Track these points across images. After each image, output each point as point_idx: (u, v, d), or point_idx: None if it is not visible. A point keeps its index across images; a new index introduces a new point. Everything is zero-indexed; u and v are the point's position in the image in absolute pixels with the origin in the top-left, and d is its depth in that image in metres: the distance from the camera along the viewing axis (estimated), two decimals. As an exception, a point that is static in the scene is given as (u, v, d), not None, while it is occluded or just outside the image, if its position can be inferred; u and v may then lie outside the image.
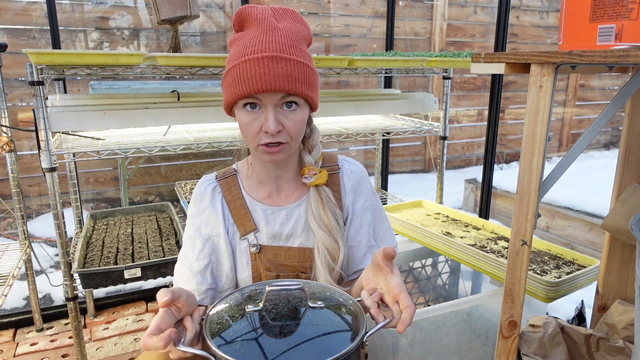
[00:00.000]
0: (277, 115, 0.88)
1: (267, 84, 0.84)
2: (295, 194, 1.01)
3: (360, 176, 1.04)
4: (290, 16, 0.94)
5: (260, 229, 0.99)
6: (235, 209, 1.00)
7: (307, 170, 0.98)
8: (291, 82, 0.85)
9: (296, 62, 0.86)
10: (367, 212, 1.03)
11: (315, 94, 0.92)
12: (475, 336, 1.55)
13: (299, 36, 0.91)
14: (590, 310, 1.44)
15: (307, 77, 0.89)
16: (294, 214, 1.00)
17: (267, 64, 0.84)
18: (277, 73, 0.84)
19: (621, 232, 1.20)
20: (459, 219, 1.95)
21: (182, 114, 1.61)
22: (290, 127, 0.89)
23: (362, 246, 1.02)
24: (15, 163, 1.75)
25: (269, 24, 0.89)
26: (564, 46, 1.04)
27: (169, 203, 2.07)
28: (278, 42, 0.86)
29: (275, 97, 0.86)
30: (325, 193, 0.98)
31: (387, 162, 2.63)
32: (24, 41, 2.90)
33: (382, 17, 3.67)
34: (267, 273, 0.98)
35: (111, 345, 1.90)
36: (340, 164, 1.04)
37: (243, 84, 0.85)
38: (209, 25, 3.34)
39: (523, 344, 1.13)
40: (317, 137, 1.02)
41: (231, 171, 1.05)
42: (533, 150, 0.94)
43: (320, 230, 0.95)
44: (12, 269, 1.60)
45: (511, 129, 4.92)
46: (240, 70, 0.85)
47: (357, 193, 1.03)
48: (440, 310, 1.45)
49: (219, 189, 1.02)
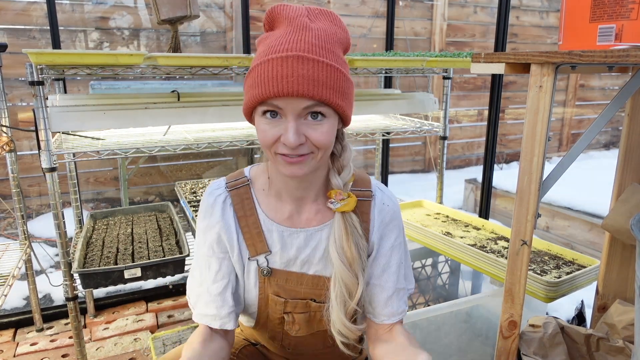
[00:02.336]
0: (299, 126, 0.76)
1: (288, 87, 0.72)
2: (318, 218, 0.90)
3: (393, 211, 0.93)
4: (326, 17, 0.83)
5: (274, 252, 0.90)
6: (246, 226, 0.90)
7: (334, 194, 0.87)
8: (317, 86, 0.73)
9: (326, 66, 0.75)
10: (396, 250, 0.93)
11: (347, 104, 0.81)
12: (475, 336, 1.55)
13: (334, 38, 0.79)
14: (590, 310, 1.44)
15: (339, 83, 0.77)
16: (314, 238, 0.90)
17: (291, 64, 0.72)
18: (301, 75, 0.72)
19: (621, 232, 1.20)
20: (459, 219, 1.95)
21: (182, 114, 1.61)
22: (315, 138, 0.77)
23: (388, 287, 0.91)
24: (15, 163, 1.75)
25: (300, 22, 0.78)
26: (564, 46, 1.04)
27: (169, 203, 2.07)
28: (308, 41, 0.75)
29: (298, 104, 0.74)
30: (352, 221, 0.87)
31: (387, 162, 2.63)
32: (24, 41, 2.90)
33: (382, 17, 3.67)
34: (275, 298, 0.92)
35: (111, 345, 1.90)
36: (373, 191, 0.92)
37: (262, 86, 0.74)
38: (209, 25, 3.34)
39: (523, 344, 1.13)
40: (350, 157, 0.90)
41: (244, 180, 0.93)
42: (533, 150, 0.94)
43: (339, 263, 0.85)
44: (12, 269, 1.60)
45: (511, 129, 4.92)
46: (261, 71, 0.75)
47: (388, 229, 0.92)
48: (440, 310, 1.45)
49: (230, 200, 0.91)
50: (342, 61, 0.80)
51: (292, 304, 0.92)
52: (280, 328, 0.95)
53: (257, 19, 3.44)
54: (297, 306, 0.92)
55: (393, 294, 0.92)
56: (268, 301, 0.93)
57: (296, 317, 0.93)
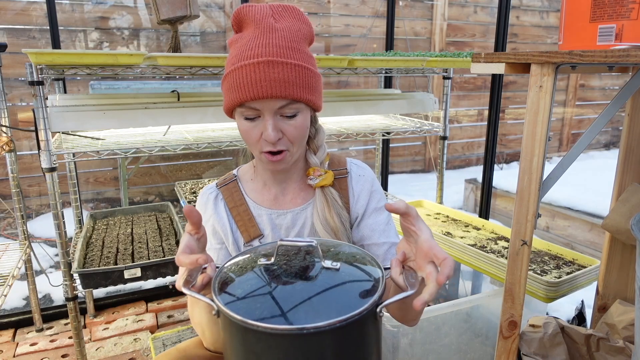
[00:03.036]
0: (276, 122, 0.85)
1: (263, 91, 0.81)
2: (301, 196, 0.98)
3: (369, 179, 1.01)
4: (290, 14, 0.89)
5: (266, 234, 0.97)
6: (238, 214, 0.98)
7: (312, 172, 0.96)
8: (288, 87, 0.82)
9: (293, 66, 0.83)
10: (381, 211, 0.99)
11: (316, 96, 0.89)
12: (475, 336, 1.55)
13: (299, 35, 0.87)
14: (590, 310, 1.44)
15: (307, 80, 0.85)
16: (300, 217, 0.97)
17: (263, 69, 0.81)
18: (273, 79, 0.81)
19: (621, 232, 1.20)
20: (459, 219, 1.95)
21: (182, 114, 1.61)
22: (290, 133, 0.86)
23: (382, 242, 0.97)
24: (15, 163, 1.75)
25: (266, 24, 0.85)
26: (564, 46, 1.04)
27: (169, 203, 2.07)
28: (275, 44, 0.83)
29: (273, 104, 0.83)
30: (331, 194, 0.96)
31: (387, 162, 2.63)
32: (24, 41, 2.90)
33: (382, 17, 3.67)
34: None
35: (111, 345, 1.90)
36: (348, 168, 1.01)
37: (239, 91, 0.82)
38: (209, 25, 3.34)
39: (523, 344, 1.13)
40: (323, 137, 0.99)
41: (231, 177, 1.02)
42: (533, 150, 0.94)
43: (325, 233, 0.93)
44: (12, 269, 1.60)
45: (511, 129, 4.92)
46: (236, 76, 0.83)
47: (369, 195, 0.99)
48: (440, 310, 1.45)
49: (221, 196, 1.00)
50: (308, 56, 0.88)
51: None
52: None
53: (257, 19, 3.44)
54: None
55: (390, 248, 0.97)
56: None
57: None
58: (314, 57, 0.90)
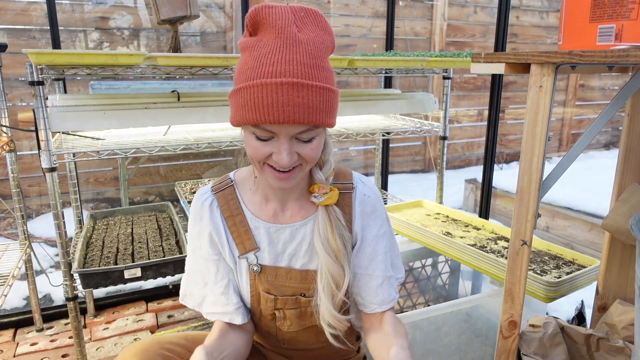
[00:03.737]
0: (292, 146, 0.78)
1: (285, 116, 0.73)
2: (302, 213, 0.93)
3: (374, 201, 0.95)
4: (312, 21, 0.81)
5: (262, 248, 0.93)
6: (234, 225, 0.93)
7: (317, 189, 0.89)
8: (312, 113, 0.75)
9: (318, 90, 0.75)
10: (382, 240, 0.95)
11: (334, 117, 0.82)
12: (475, 336, 1.55)
13: (322, 49, 0.79)
14: (590, 310, 1.44)
15: (330, 103, 0.78)
16: (299, 233, 0.93)
17: (287, 92, 0.73)
18: (296, 103, 0.73)
19: (621, 232, 1.20)
20: (459, 219, 1.95)
21: (182, 114, 1.61)
22: (306, 155, 0.80)
23: (377, 275, 0.94)
24: (15, 163, 1.75)
25: (289, 34, 0.76)
26: (564, 46, 1.04)
27: (169, 203, 2.07)
28: (300, 62, 0.75)
29: (292, 129, 0.76)
30: (335, 214, 0.90)
31: (387, 162, 2.63)
32: (24, 41, 2.90)
33: (382, 17, 3.67)
34: (265, 295, 0.94)
35: (111, 345, 1.90)
36: (354, 184, 0.95)
37: (256, 111, 0.74)
38: (209, 25, 3.34)
39: (523, 344, 1.13)
40: (330, 151, 0.93)
41: (228, 182, 0.96)
42: (533, 150, 0.94)
43: (325, 254, 0.88)
44: (12, 269, 1.60)
45: (511, 129, 4.92)
46: (254, 94, 0.74)
47: (371, 219, 0.94)
48: (440, 310, 1.45)
49: (216, 202, 0.94)
50: (330, 73, 0.81)
51: (282, 300, 0.94)
52: (273, 324, 0.98)
53: (257, 19, 3.44)
54: (288, 302, 0.95)
55: (383, 282, 0.94)
56: (259, 298, 0.95)
57: (287, 313, 0.96)
58: (333, 72, 0.84)
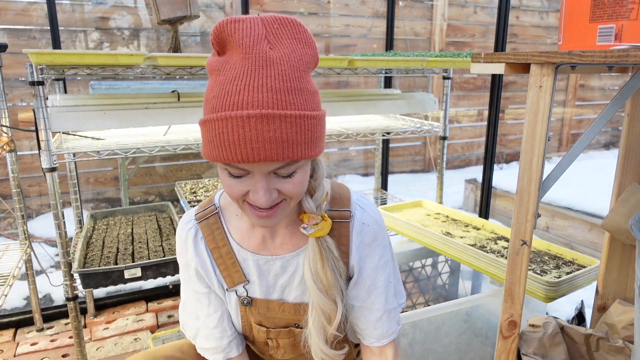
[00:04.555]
0: (269, 183, 0.70)
1: (254, 154, 0.64)
2: (293, 242, 0.86)
3: (374, 230, 0.86)
4: (288, 33, 0.69)
5: (252, 280, 0.87)
6: (220, 257, 0.86)
7: (307, 219, 0.81)
8: (287, 147, 0.65)
9: (294, 119, 0.65)
10: (382, 270, 0.88)
11: (319, 146, 0.71)
12: (475, 336, 1.55)
13: (300, 67, 0.68)
14: (590, 310, 1.44)
15: (309, 133, 0.68)
16: (291, 265, 0.86)
17: (254, 126, 0.63)
18: (268, 139, 0.64)
19: (621, 232, 1.20)
20: (459, 219, 1.96)
21: (182, 114, 1.61)
22: (288, 191, 0.72)
23: (376, 309, 0.88)
24: (16, 163, 1.75)
25: (259, 53, 0.65)
26: (564, 46, 1.04)
27: (169, 203, 2.07)
28: (271, 87, 0.64)
29: (266, 167, 0.68)
30: (327, 245, 0.82)
31: (387, 162, 2.63)
32: (24, 41, 2.90)
33: (382, 17, 3.67)
34: (258, 327, 0.91)
35: (111, 345, 1.90)
36: (352, 212, 0.86)
37: (223, 149, 0.65)
38: (209, 25, 3.34)
39: (523, 343, 1.13)
40: (322, 174, 0.83)
41: (212, 209, 0.88)
42: (533, 150, 0.94)
43: (315, 290, 0.81)
44: (12, 269, 1.60)
45: (511, 129, 4.93)
46: (220, 128, 0.65)
47: (370, 249, 0.86)
48: (440, 310, 1.45)
49: (200, 233, 0.87)
50: (311, 93, 0.69)
51: (275, 332, 0.91)
52: (267, 349, 0.96)
53: (257, 19, 3.44)
54: (281, 333, 0.91)
55: (382, 315, 0.88)
56: (252, 329, 0.92)
57: (280, 342, 0.93)
58: (317, 91, 0.72)
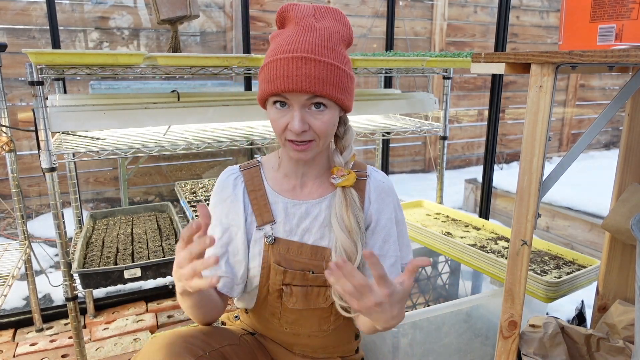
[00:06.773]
0: (304, 115, 0.89)
1: (293, 84, 0.85)
2: (319, 192, 1.02)
3: (388, 187, 1.04)
4: (331, 15, 0.93)
5: (278, 221, 1.01)
6: (255, 199, 1.02)
7: (336, 171, 0.98)
8: (318, 84, 0.86)
9: (326, 64, 0.87)
10: (395, 224, 1.03)
11: (346, 96, 0.92)
12: (475, 336, 1.55)
13: (337, 37, 0.91)
14: (590, 310, 1.44)
15: (337, 79, 0.89)
16: (314, 210, 1.01)
17: (297, 64, 0.85)
18: (304, 74, 0.85)
19: (621, 232, 1.20)
20: (459, 219, 1.95)
21: (182, 114, 1.61)
22: (317, 127, 0.90)
23: (390, 255, 1.02)
24: (15, 163, 1.75)
25: (307, 23, 0.90)
26: (564, 46, 1.04)
27: (169, 203, 2.07)
28: (312, 42, 0.87)
29: (302, 97, 0.87)
30: (351, 195, 0.98)
31: (387, 162, 2.63)
32: (23, 41, 2.90)
33: (382, 17, 3.67)
34: (276, 267, 0.99)
35: (111, 346, 1.90)
36: (369, 172, 1.05)
37: (272, 83, 0.87)
38: (209, 25, 3.34)
39: (523, 344, 1.13)
40: (351, 138, 1.02)
41: (255, 163, 1.07)
42: (533, 150, 0.94)
43: (340, 231, 0.96)
44: (12, 269, 1.60)
45: (511, 129, 4.93)
46: (271, 68, 0.87)
47: (385, 203, 1.03)
48: (440, 310, 1.45)
49: (242, 178, 1.04)
50: (343, 57, 0.91)
51: (291, 274, 0.99)
52: (279, 303, 1.02)
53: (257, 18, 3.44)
54: (296, 277, 0.99)
55: (395, 262, 1.01)
56: (270, 271, 1.00)
57: (294, 289, 1.00)
58: (349, 59, 0.94)
